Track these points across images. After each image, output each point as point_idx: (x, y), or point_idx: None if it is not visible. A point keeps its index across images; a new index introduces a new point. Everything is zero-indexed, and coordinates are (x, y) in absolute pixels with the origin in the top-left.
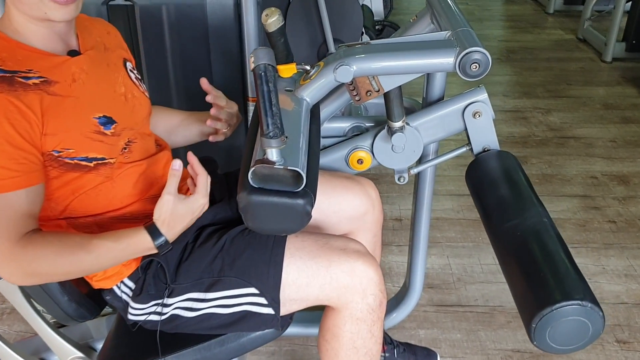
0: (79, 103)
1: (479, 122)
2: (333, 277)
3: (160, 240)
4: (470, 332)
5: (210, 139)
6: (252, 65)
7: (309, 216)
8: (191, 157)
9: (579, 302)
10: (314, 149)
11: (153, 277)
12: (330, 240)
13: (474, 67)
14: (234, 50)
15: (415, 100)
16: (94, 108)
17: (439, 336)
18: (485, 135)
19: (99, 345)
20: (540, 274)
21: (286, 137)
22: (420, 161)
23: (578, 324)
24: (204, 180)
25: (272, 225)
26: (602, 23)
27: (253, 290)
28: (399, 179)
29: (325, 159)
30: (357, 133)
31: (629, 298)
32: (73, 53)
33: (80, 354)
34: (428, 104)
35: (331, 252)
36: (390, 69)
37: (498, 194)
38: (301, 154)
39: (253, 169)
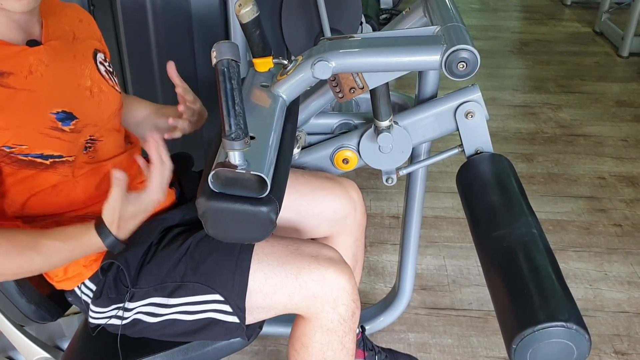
0: (34, 97)
1: (472, 122)
2: (302, 285)
3: (110, 240)
4: (462, 337)
5: (165, 135)
6: (214, 61)
7: (273, 224)
8: (151, 142)
9: (564, 323)
10: (285, 152)
11: (114, 279)
12: (302, 246)
13: (461, 66)
14: (220, 38)
15: (408, 95)
16: (51, 103)
17: (429, 340)
18: (478, 136)
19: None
20: (524, 291)
21: (251, 139)
22: (410, 161)
23: (562, 346)
24: (158, 175)
25: (234, 234)
26: (621, 16)
27: (217, 297)
28: (386, 180)
29: (309, 157)
30: (344, 131)
31: (630, 307)
32: (32, 43)
33: (45, 355)
34: (420, 101)
35: (301, 259)
36: (372, 65)
37: (487, 200)
38: (268, 158)
39: (213, 172)
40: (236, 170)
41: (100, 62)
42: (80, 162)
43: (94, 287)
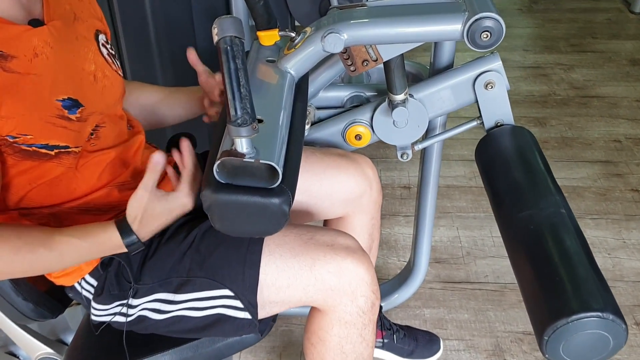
0: (40, 82)
1: (492, 93)
2: (318, 277)
3: (131, 239)
4: (478, 311)
5: (205, 119)
6: (216, 38)
7: (286, 217)
8: (185, 145)
9: (599, 313)
10: (297, 135)
11: (115, 275)
12: (316, 234)
13: (485, 36)
14: (220, 9)
15: (421, 65)
16: (57, 89)
17: (445, 316)
18: (498, 108)
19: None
20: (555, 278)
21: (258, 123)
22: (425, 136)
23: (597, 337)
24: (188, 176)
25: (243, 228)
26: None
27: (227, 292)
28: (401, 156)
29: (319, 134)
30: (356, 104)
31: None
32: (35, 23)
33: (48, 350)
34: (435, 71)
35: (316, 249)
36: (387, 37)
37: (511, 177)
38: (278, 143)
39: (219, 161)
40: (244, 159)
41: (103, 44)
42: (84, 152)
43: (95, 283)
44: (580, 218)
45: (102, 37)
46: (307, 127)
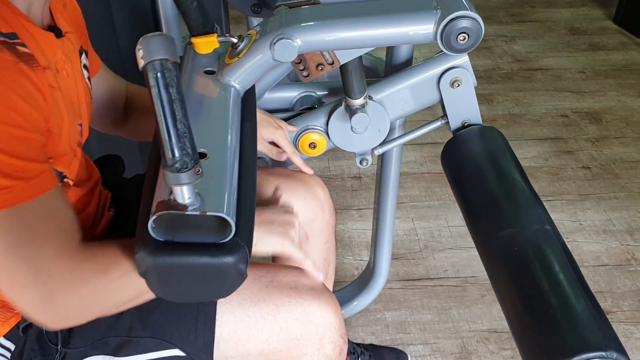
0: (67, 101)
1: (459, 92)
2: (283, 326)
3: None
4: (441, 310)
5: None
6: (142, 63)
7: (243, 277)
8: None
9: (602, 353)
10: (248, 165)
11: (37, 338)
12: (277, 275)
13: (462, 38)
14: (143, 9)
15: (376, 58)
16: (76, 111)
17: (408, 318)
18: (465, 107)
19: None
20: (547, 310)
21: (201, 158)
22: (384, 139)
23: None
24: None
25: (190, 293)
26: None
27: (177, 352)
28: (360, 162)
29: None
30: (306, 106)
31: (609, 259)
32: (55, 31)
33: None
34: (393, 67)
35: (279, 294)
36: (347, 42)
37: (485, 188)
38: (227, 184)
39: (155, 216)
40: (186, 212)
41: (84, 66)
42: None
43: (11, 347)
44: None
45: (84, 57)
46: None
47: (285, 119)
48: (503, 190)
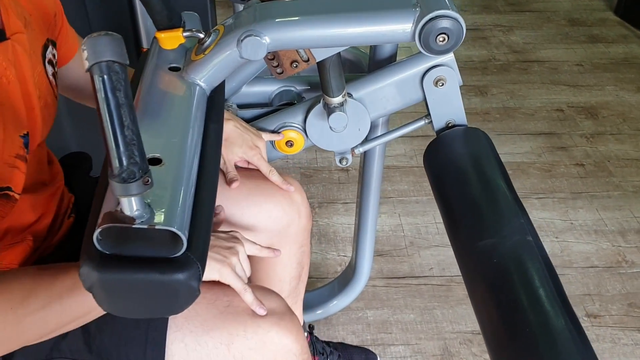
0: (3, 114)
1: (443, 91)
2: (237, 356)
3: None
4: (424, 310)
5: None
6: (86, 64)
7: (196, 294)
8: None
9: None
10: (210, 172)
11: None
12: (235, 299)
13: (441, 39)
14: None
15: (360, 51)
16: (19, 121)
17: (390, 318)
18: (449, 107)
19: None
20: (525, 328)
21: (155, 164)
22: (366, 137)
23: None
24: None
25: (140, 309)
26: None
27: None
28: (340, 161)
29: None
30: (286, 102)
31: (599, 260)
32: None
33: None
34: (376, 62)
35: (234, 321)
36: (318, 40)
37: (467, 194)
38: (182, 195)
39: (100, 229)
40: (133, 226)
41: (49, 61)
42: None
43: None
44: (526, 198)
45: (50, 51)
46: None
47: (263, 115)
48: (485, 197)
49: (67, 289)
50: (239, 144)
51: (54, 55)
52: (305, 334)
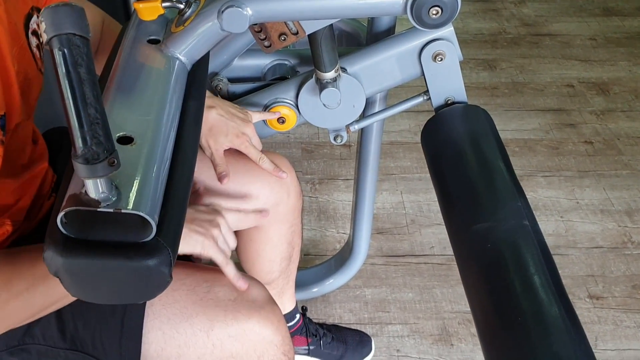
0: None
1: (442, 66)
2: (216, 344)
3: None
4: (423, 289)
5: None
6: (45, 37)
7: (168, 280)
8: None
9: None
10: (186, 151)
11: None
12: (214, 285)
13: (434, 12)
14: None
15: (359, 23)
16: None
17: (388, 296)
18: (449, 83)
19: None
20: (517, 318)
21: (127, 143)
22: (362, 114)
23: None
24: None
25: (109, 295)
26: None
27: None
28: (335, 139)
29: None
30: (278, 76)
31: (604, 240)
32: None
33: None
34: (374, 35)
35: (214, 308)
36: (303, 12)
37: (463, 175)
38: (153, 176)
39: (63, 212)
40: (98, 209)
41: (33, 32)
42: None
43: None
44: (532, 176)
45: (34, 20)
46: None
47: (255, 89)
48: (482, 178)
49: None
50: (224, 133)
51: (38, 25)
52: (298, 315)
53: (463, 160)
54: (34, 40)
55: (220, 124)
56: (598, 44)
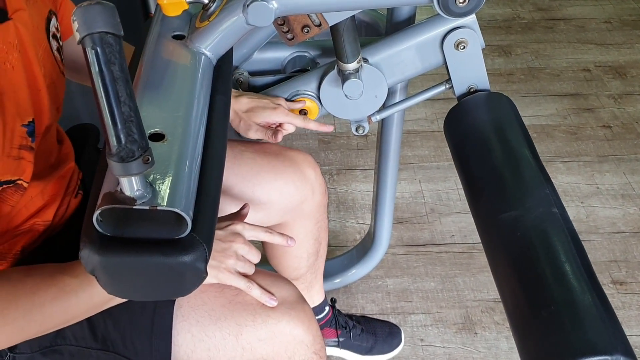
0: (5, 103)
1: (464, 54)
2: (246, 347)
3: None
4: (445, 278)
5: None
6: (78, 36)
7: (203, 276)
8: None
9: (608, 357)
10: (216, 147)
11: None
12: None
13: (461, 0)
14: None
15: (377, 12)
16: (23, 109)
17: (410, 286)
18: (471, 71)
19: None
20: (549, 306)
21: (158, 140)
22: (383, 104)
23: None
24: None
25: (145, 292)
26: None
27: None
28: (356, 130)
29: None
30: (299, 68)
31: (625, 225)
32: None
33: None
34: (394, 25)
35: (243, 311)
36: (330, 3)
37: (489, 163)
38: (186, 173)
39: (99, 210)
40: (134, 207)
41: (53, 35)
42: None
43: None
44: (550, 162)
45: (53, 24)
46: None
47: (275, 82)
48: (508, 166)
49: (79, 283)
50: (258, 112)
51: (57, 29)
52: (327, 307)
53: (488, 148)
54: (54, 44)
55: (253, 105)
56: (613, 27)
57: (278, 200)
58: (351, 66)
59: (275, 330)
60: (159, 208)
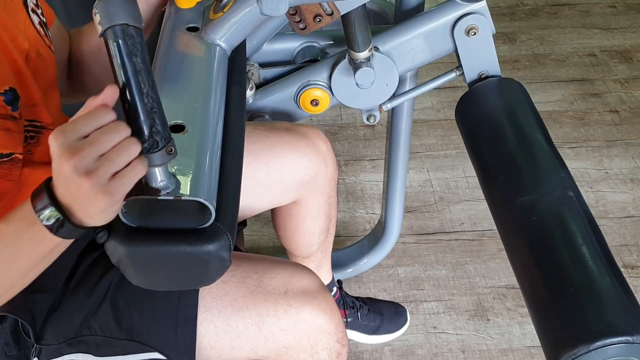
0: None
1: (475, 40)
2: (268, 337)
3: (47, 211)
4: (456, 266)
5: None
6: (100, 29)
7: (227, 264)
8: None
9: (628, 337)
10: (234, 136)
11: (12, 333)
12: (265, 277)
13: None
14: None
15: (385, 1)
16: None
17: (422, 274)
18: (482, 57)
19: None
20: (568, 288)
21: (179, 131)
22: (394, 93)
23: None
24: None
25: (169, 281)
26: None
27: (158, 356)
28: (367, 119)
29: (267, 100)
30: (309, 59)
31: (636, 210)
32: None
33: None
34: (402, 13)
35: (265, 301)
36: None
37: (502, 148)
38: (207, 163)
39: (125, 202)
40: (159, 197)
41: (32, 10)
42: (26, 161)
43: None
44: (558, 148)
45: (31, 0)
46: (250, 92)
47: (286, 73)
48: (522, 151)
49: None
50: None
51: (36, 5)
52: (335, 288)
53: (501, 133)
54: (35, 18)
55: None
56: (618, 11)
57: (292, 174)
58: (363, 55)
59: (297, 319)
60: (183, 198)
